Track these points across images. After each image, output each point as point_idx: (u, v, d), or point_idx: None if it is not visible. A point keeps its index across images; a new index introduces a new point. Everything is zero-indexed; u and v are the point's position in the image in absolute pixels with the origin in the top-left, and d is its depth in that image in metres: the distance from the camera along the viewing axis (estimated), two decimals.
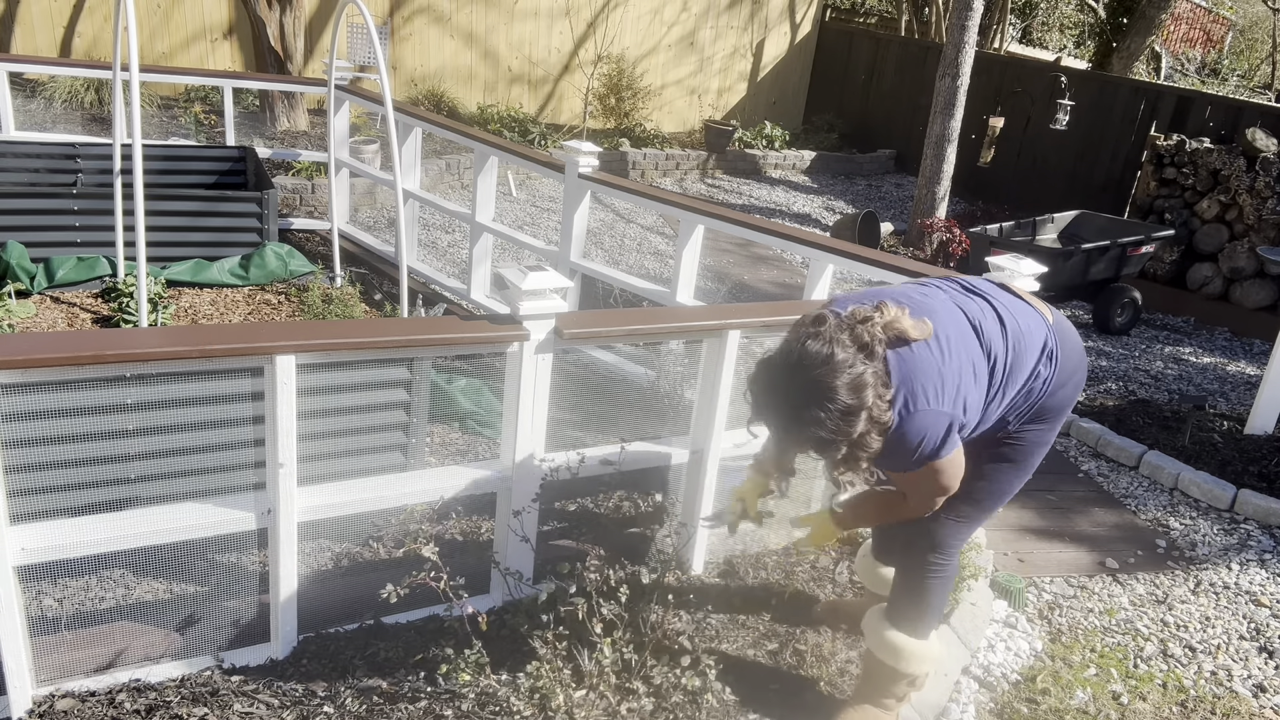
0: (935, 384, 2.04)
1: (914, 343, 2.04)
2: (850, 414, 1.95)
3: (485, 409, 4.18)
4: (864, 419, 1.96)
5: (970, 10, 7.99)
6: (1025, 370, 2.23)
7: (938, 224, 8.22)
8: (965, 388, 2.09)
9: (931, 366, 2.04)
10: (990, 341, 2.17)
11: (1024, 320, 2.26)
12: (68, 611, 2.69)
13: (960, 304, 2.22)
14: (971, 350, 2.13)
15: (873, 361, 1.98)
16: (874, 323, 2.01)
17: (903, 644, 2.48)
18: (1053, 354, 2.27)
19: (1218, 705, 3.08)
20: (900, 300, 2.15)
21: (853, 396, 1.94)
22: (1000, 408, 2.24)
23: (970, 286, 2.34)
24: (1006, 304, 2.28)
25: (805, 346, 1.97)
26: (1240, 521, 4.27)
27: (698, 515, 3.05)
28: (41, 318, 4.60)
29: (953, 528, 2.41)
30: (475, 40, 10.05)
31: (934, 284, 2.33)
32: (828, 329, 1.98)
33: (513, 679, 2.43)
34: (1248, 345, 7.28)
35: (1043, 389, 2.27)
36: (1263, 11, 17.96)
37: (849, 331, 1.99)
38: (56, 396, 2.31)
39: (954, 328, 2.13)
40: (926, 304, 2.17)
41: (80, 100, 7.97)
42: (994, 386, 2.18)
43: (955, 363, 2.08)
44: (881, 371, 1.99)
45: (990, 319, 2.21)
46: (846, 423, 1.95)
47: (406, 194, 5.60)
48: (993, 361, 2.17)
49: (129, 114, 3.99)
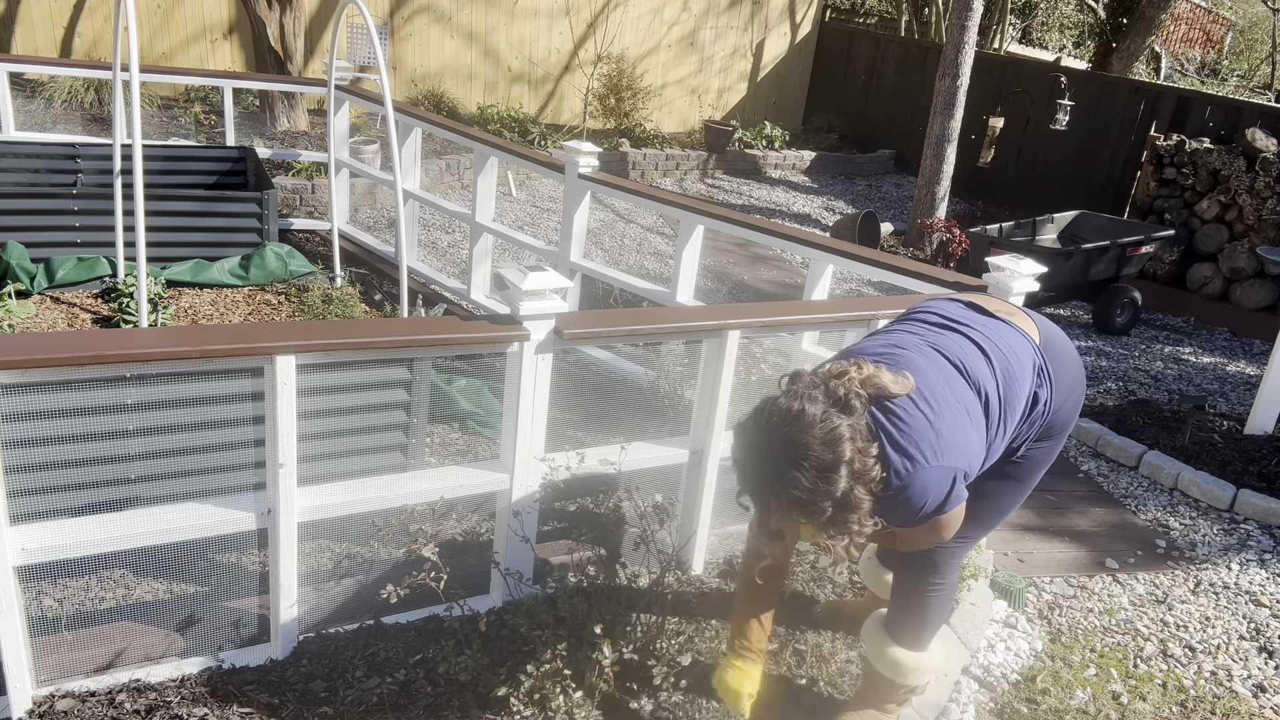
0: (930, 440, 1.93)
1: (899, 403, 1.94)
2: (827, 470, 1.84)
3: (485, 409, 4.18)
4: (845, 475, 1.84)
5: (970, 10, 7.99)
6: (1022, 396, 2.13)
7: (938, 224, 8.22)
8: (964, 436, 1.99)
9: (922, 423, 1.93)
10: (978, 378, 2.06)
11: (1008, 347, 2.15)
12: (68, 612, 2.69)
13: (937, 345, 2.11)
14: (960, 394, 2.02)
15: (850, 415, 1.87)
16: (849, 377, 1.92)
17: (903, 659, 2.45)
18: (1043, 371, 2.17)
19: (1218, 705, 3.08)
20: (874, 356, 2.05)
21: (828, 451, 1.83)
22: (1005, 439, 2.14)
23: (942, 319, 2.21)
24: (985, 331, 2.17)
25: (776, 404, 1.90)
26: (1240, 521, 4.27)
27: (698, 515, 3.06)
28: (41, 318, 4.60)
29: (953, 549, 2.36)
30: (476, 40, 10.05)
31: (904, 330, 2.20)
32: (800, 386, 1.91)
33: (513, 679, 2.43)
34: (1248, 345, 7.28)
35: (1045, 410, 2.18)
36: (1263, 11, 17.96)
37: (822, 387, 1.90)
38: (57, 396, 2.31)
39: (935, 376, 2.02)
40: (901, 356, 2.05)
41: (80, 100, 7.97)
42: (993, 422, 2.08)
43: (948, 413, 1.97)
44: (862, 426, 1.88)
45: (971, 353, 2.10)
46: (825, 480, 1.84)
47: (406, 194, 5.60)
48: (985, 398, 2.06)
49: (129, 114, 3.99)
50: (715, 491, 3.08)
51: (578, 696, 2.37)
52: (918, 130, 10.05)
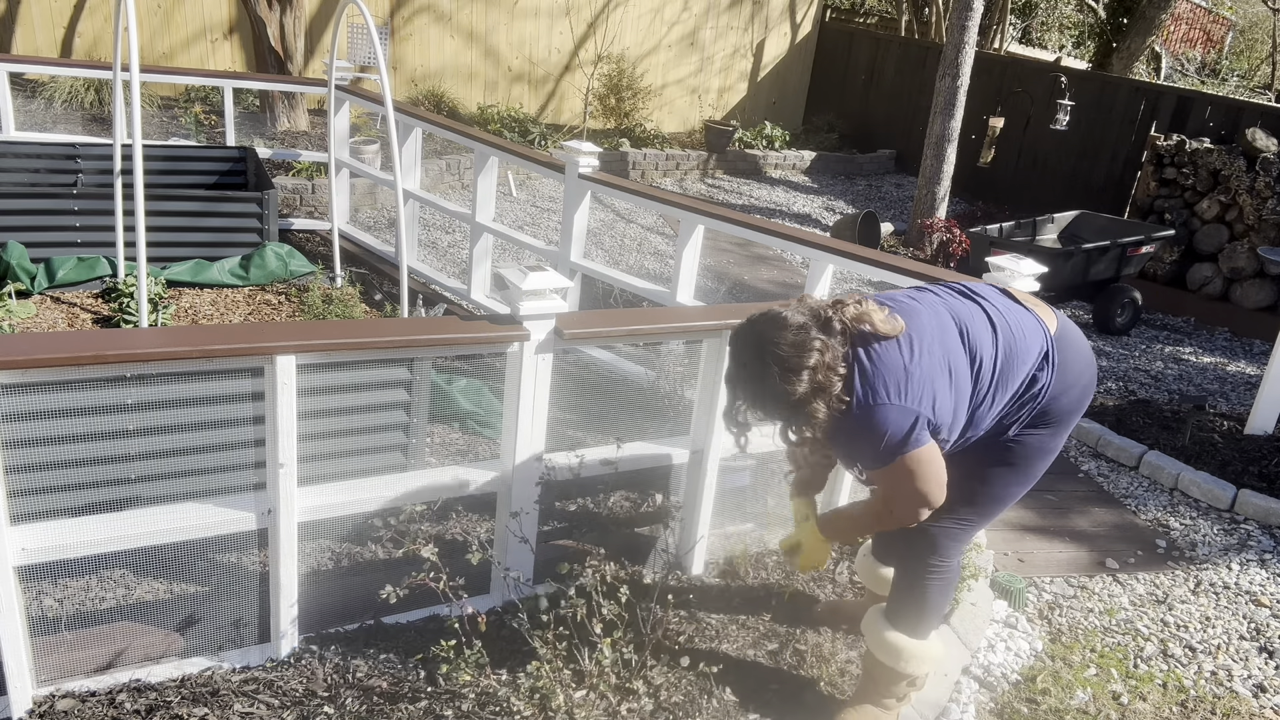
0: (899, 380, 2.07)
1: (884, 340, 2.09)
2: (790, 371, 2.01)
3: (485, 409, 4.18)
4: (806, 380, 2.01)
5: (970, 10, 7.99)
6: (1020, 374, 2.23)
7: (938, 224, 8.22)
8: (936, 388, 2.10)
9: (897, 363, 2.08)
10: (976, 344, 2.19)
11: (1018, 324, 2.26)
12: (68, 611, 2.69)
13: (950, 307, 2.25)
14: (952, 352, 2.15)
15: (827, 335, 2.05)
16: (843, 307, 2.11)
17: (903, 645, 2.48)
18: (1050, 358, 2.26)
19: (1218, 705, 3.08)
20: (885, 301, 2.21)
21: (794, 353, 2.01)
22: (994, 411, 2.24)
23: (968, 291, 2.35)
24: (1001, 308, 2.29)
25: (769, 308, 2.12)
26: (1240, 521, 4.27)
27: (698, 515, 3.06)
28: (42, 318, 4.61)
29: (952, 532, 2.42)
30: (476, 39, 10.05)
31: (931, 289, 2.36)
32: (796, 301, 2.12)
33: (513, 679, 2.44)
34: (1248, 345, 7.28)
35: (1042, 394, 2.27)
36: (1263, 11, 17.96)
37: (812, 306, 2.11)
38: (57, 397, 2.31)
39: (933, 330, 2.16)
40: (909, 306, 2.22)
41: (80, 100, 7.97)
42: (982, 388, 2.19)
43: (927, 362, 2.10)
44: (836, 347, 2.05)
45: (979, 321, 2.23)
46: (785, 379, 2.02)
47: (407, 194, 5.60)
48: (979, 364, 2.18)
49: (129, 114, 3.99)
50: (716, 491, 3.08)
51: (578, 696, 2.37)
52: (918, 130, 10.06)
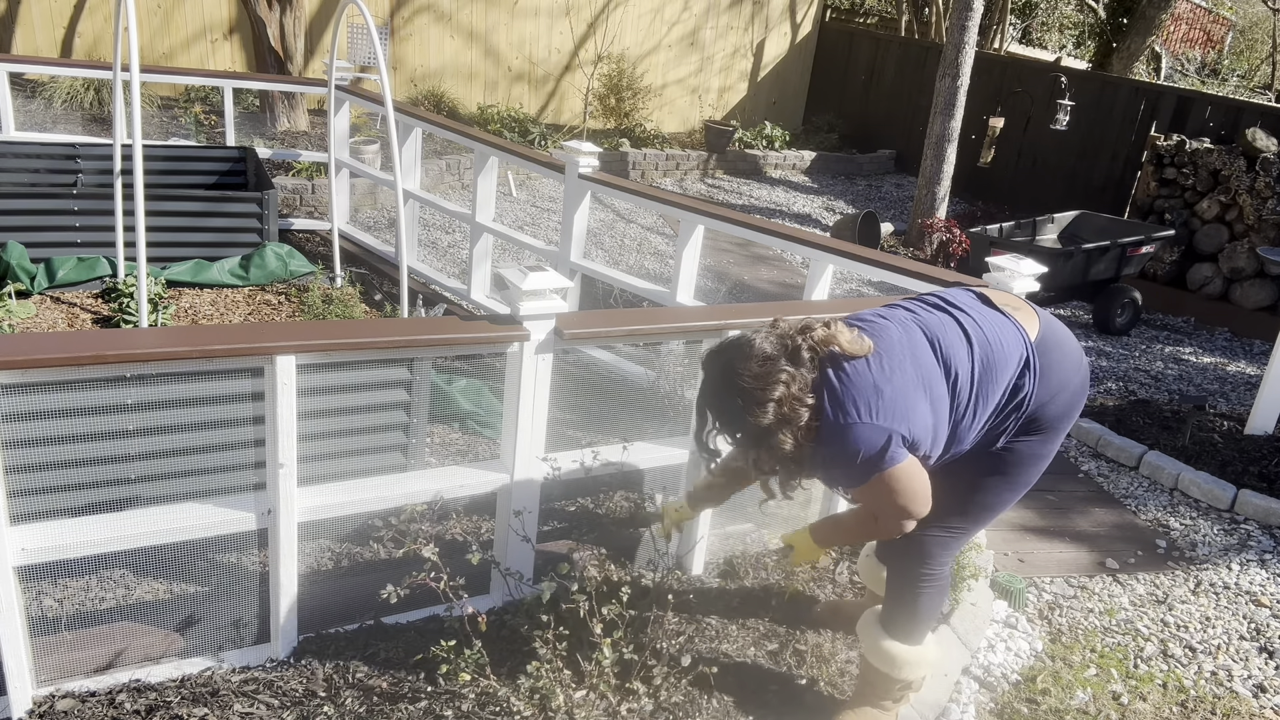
0: (869, 399, 2.02)
1: (854, 363, 2.06)
2: (755, 403, 2.01)
3: (485, 409, 4.18)
4: (771, 412, 2.00)
5: (970, 10, 7.99)
6: (1000, 384, 2.18)
7: (938, 224, 8.22)
8: (910, 404, 2.05)
9: (867, 382, 2.04)
10: (950, 357, 2.14)
11: (994, 334, 2.21)
12: (68, 611, 2.69)
13: (922, 322, 2.20)
14: (925, 367, 2.10)
15: (795, 366, 2.03)
16: (811, 332, 2.08)
17: (897, 652, 2.47)
18: (1030, 365, 2.21)
19: (1218, 705, 3.08)
20: (854, 321, 2.20)
21: (758, 385, 2.00)
22: (977, 423, 2.20)
23: (943, 302, 2.30)
24: (977, 318, 2.24)
25: (741, 335, 2.12)
26: (1240, 522, 4.27)
27: (698, 515, 3.05)
28: (42, 318, 4.61)
29: (943, 540, 2.40)
30: (476, 39, 10.05)
31: (903, 305, 2.31)
32: (766, 328, 2.11)
33: (513, 679, 2.43)
34: (1248, 345, 7.28)
35: (1026, 402, 2.22)
36: (1263, 11, 17.96)
37: (780, 335, 2.08)
38: (57, 397, 2.31)
39: (903, 346, 2.12)
40: (877, 325, 2.18)
41: (80, 100, 7.97)
42: (961, 402, 2.15)
43: (899, 379, 2.06)
44: (804, 377, 2.03)
45: (952, 333, 2.18)
46: (751, 412, 2.01)
47: (407, 194, 5.60)
48: (955, 377, 2.13)
49: (129, 114, 3.99)
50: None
51: (578, 697, 2.37)
52: (918, 130, 10.05)
